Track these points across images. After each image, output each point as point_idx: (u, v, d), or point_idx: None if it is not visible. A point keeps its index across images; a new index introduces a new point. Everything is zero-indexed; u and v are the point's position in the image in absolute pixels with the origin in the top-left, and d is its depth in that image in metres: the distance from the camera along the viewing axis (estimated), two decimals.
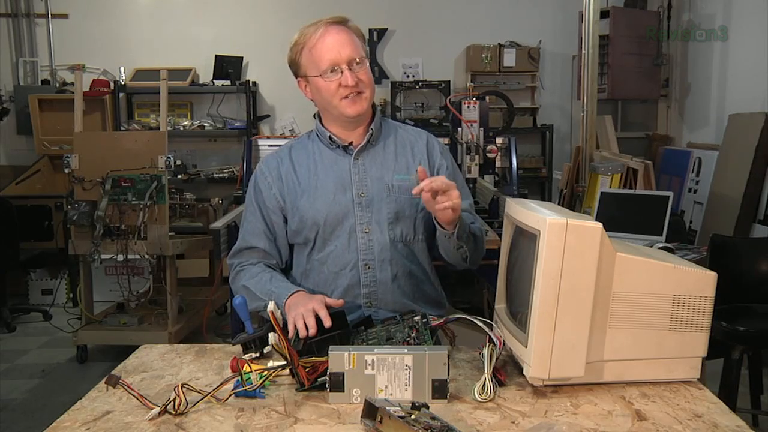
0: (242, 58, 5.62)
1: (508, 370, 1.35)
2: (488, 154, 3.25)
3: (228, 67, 5.53)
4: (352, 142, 1.69)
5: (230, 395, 1.23)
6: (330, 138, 1.69)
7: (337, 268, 1.66)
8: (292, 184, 1.69)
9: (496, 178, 3.60)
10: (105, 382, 1.23)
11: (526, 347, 1.25)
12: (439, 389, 1.21)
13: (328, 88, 1.60)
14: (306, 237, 1.67)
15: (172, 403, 1.18)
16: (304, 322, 1.38)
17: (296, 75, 1.67)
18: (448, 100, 3.83)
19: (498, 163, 3.46)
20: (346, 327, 1.41)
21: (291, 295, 1.54)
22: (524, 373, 1.26)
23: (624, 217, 3.39)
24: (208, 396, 1.22)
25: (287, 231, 1.71)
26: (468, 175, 3.19)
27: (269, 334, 1.32)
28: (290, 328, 1.40)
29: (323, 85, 1.60)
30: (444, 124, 5.08)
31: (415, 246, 1.70)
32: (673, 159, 5.00)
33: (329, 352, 1.22)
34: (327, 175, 1.68)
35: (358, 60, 1.59)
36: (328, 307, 1.42)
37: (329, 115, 1.68)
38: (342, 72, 1.58)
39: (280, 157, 1.74)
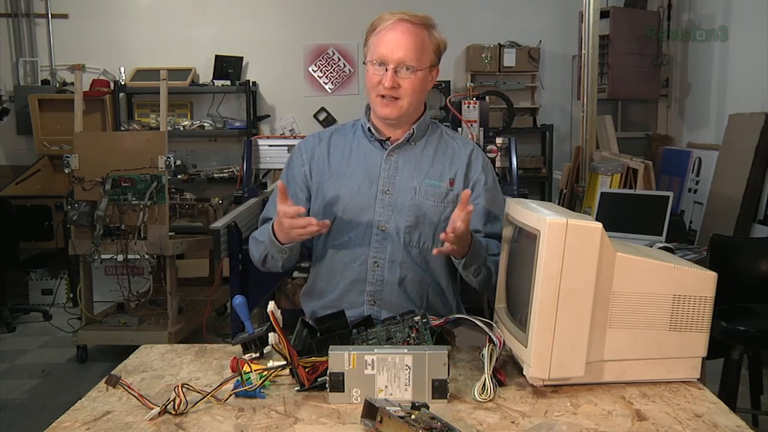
0: (242, 58, 5.62)
1: (508, 370, 1.35)
2: (488, 154, 3.25)
3: (228, 67, 5.53)
4: (389, 137, 1.69)
5: (230, 395, 1.23)
6: (369, 129, 1.69)
7: (347, 259, 1.66)
8: (322, 165, 1.70)
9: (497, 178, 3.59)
10: (105, 382, 1.22)
11: (526, 347, 1.25)
12: (439, 389, 1.21)
13: (370, 80, 1.62)
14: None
15: (172, 403, 1.17)
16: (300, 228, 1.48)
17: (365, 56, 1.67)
18: (448, 100, 3.82)
19: (498, 163, 3.45)
20: (346, 327, 1.41)
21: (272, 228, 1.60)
22: (524, 373, 1.26)
23: (624, 217, 3.39)
24: (208, 396, 1.22)
25: (309, 211, 1.70)
26: None
27: (269, 334, 1.32)
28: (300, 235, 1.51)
29: (368, 74, 1.63)
30: (444, 124, 5.06)
31: (431, 255, 1.63)
32: (673, 159, 4.99)
33: (329, 352, 1.22)
34: (358, 165, 1.68)
35: (408, 66, 1.58)
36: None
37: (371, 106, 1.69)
38: (387, 70, 1.58)
39: (320, 137, 1.76)
